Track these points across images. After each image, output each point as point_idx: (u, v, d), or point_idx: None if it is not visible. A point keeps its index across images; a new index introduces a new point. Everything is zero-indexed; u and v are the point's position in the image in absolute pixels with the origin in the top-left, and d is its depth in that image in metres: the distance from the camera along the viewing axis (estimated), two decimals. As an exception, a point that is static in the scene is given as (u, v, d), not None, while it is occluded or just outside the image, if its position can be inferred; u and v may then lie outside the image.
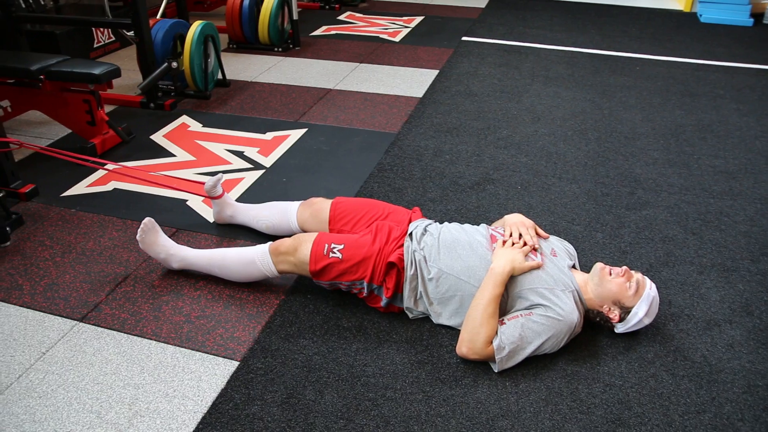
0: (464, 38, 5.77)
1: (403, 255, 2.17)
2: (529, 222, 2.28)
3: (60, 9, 5.18)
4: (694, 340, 2.19)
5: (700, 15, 6.60)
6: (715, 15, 6.50)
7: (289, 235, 2.37)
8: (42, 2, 4.92)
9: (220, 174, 2.70)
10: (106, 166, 3.11)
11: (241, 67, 4.92)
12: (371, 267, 2.16)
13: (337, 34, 5.92)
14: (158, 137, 3.68)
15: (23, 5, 4.65)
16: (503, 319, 2.03)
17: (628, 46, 5.59)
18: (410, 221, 2.36)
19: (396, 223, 2.35)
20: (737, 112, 4.15)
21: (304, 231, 2.53)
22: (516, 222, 2.27)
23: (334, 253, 2.18)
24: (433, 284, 2.14)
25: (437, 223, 2.34)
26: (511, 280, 2.06)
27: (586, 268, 2.29)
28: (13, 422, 1.84)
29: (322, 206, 2.51)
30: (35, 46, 4.45)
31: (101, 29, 5.11)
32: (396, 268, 2.16)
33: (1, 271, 2.49)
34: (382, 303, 2.21)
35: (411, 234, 2.24)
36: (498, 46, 5.55)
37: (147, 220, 2.39)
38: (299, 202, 2.62)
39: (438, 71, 4.85)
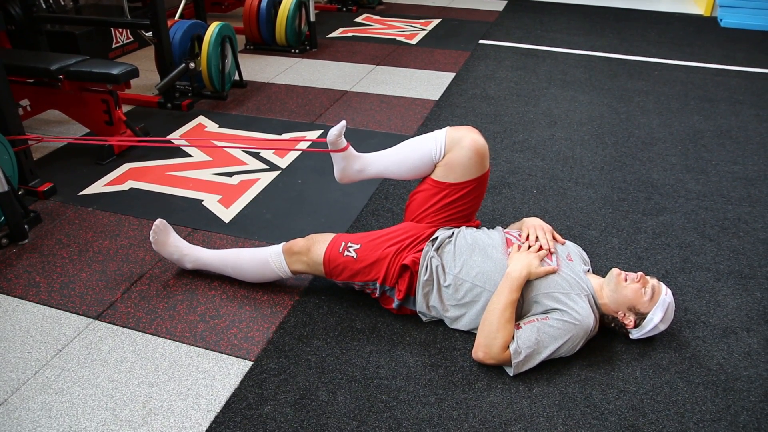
0: (481, 41, 5.76)
1: (418, 259, 2.16)
2: (547, 226, 2.27)
3: (79, 10, 5.24)
4: (710, 347, 2.17)
5: (721, 20, 6.54)
6: (735, 20, 6.43)
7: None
8: (62, 3, 4.97)
9: (343, 121, 2.35)
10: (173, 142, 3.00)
11: (258, 69, 4.94)
12: (385, 268, 2.15)
13: (353, 36, 5.93)
14: (175, 137, 3.70)
15: (43, 5, 4.69)
16: (519, 323, 2.02)
17: (646, 50, 5.55)
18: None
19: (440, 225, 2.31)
20: (757, 118, 4.10)
21: (447, 158, 2.20)
22: (534, 225, 2.26)
23: (349, 251, 2.18)
24: (449, 291, 2.13)
25: (457, 228, 2.32)
26: (527, 284, 2.05)
27: (601, 273, 2.28)
28: (29, 417, 1.85)
29: (482, 159, 2.19)
30: (55, 46, 4.50)
31: (120, 30, 5.15)
32: (409, 271, 2.16)
33: (18, 269, 2.51)
34: (394, 305, 2.21)
35: (435, 239, 2.23)
36: (515, 49, 5.54)
37: (158, 221, 2.40)
38: (446, 128, 2.25)
39: (454, 74, 4.84)
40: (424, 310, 2.19)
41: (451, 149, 2.19)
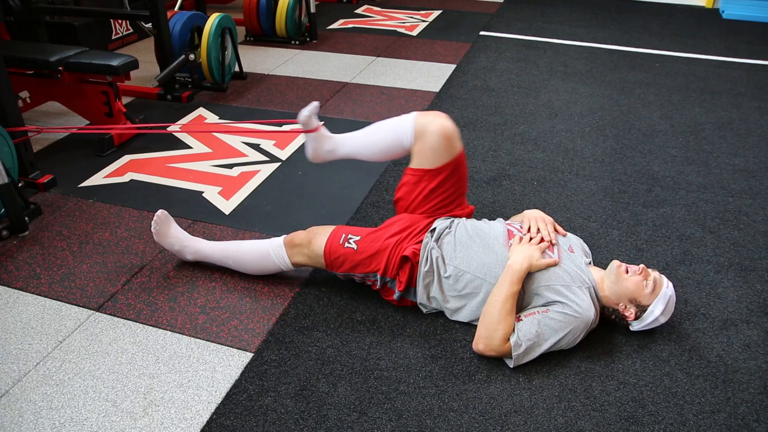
0: (482, 33, 5.74)
1: (419, 250, 2.16)
2: (549, 218, 2.27)
3: (79, 1, 5.22)
4: (710, 339, 2.17)
5: (723, 11, 6.52)
6: (737, 11, 6.41)
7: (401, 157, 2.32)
8: (62, -6, 4.95)
9: (316, 102, 2.39)
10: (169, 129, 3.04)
11: (258, 60, 4.93)
12: (385, 259, 2.15)
13: (354, 27, 5.91)
14: (175, 129, 3.69)
15: (43, -4, 4.68)
16: (520, 316, 2.02)
17: (648, 42, 5.53)
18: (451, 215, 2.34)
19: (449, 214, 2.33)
20: (758, 110, 4.09)
21: (419, 145, 2.22)
22: (535, 216, 2.26)
23: (350, 243, 2.18)
24: (450, 282, 2.13)
25: (457, 219, 2.32)
26: (529, 276, 2.05)
27: (602, 265, 2.28)
28: (30, 409, 1.86)
29: (451, 141, 2.20)
30: (54, 38, 4.48)
31: (120, 21, 5.14)
32: (410, 262, 2.16)
33: (19, 261, 2.52)
34: (395, 296, 2.21)
35: (434, 230, 2.23)
36: (516, 41, 5.52)
37: (160, 212, 2.40)
38: (414, 113, 2.28)
39: (455, 66, 4.83)
40: (425, 301, 2.20)
41: (421, 136, 2.21)
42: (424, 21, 6.14)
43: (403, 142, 2.26)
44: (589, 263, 2.22)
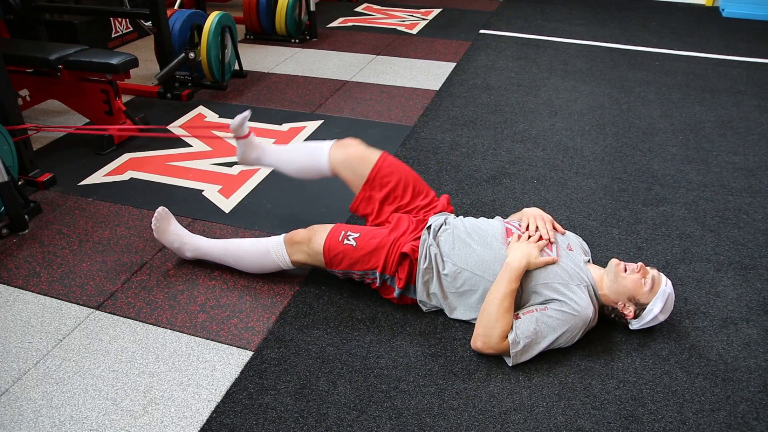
0: (482, 31, 5.73)
1: (417, 247, 2.16)
2: (548, 216, 2.27)
3: (79, -1, 5.22)
4: (709, 337, 2.17)
5: (723, 9, 6.51)
6: (737, 9, 6.41)
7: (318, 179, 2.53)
8: (61, -8, 4.94)
9: (248, 111, 2.57)
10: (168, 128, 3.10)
11: (258, 58, 4.92)
12: (384, 257, 2.15)
13: (354, 25, 5.91)
14: (174, 127, 3.69)
15: (43, -5, 4.67)
16: (518, 314, 2.02)
17: (648, 40, 5.53)
18: (435, 210, 2.36)
19: (424, 208, 2.36)
20: (758, 109, 4.09)
21: (337, 175, 2.44)
22: (534, 215, 2.26)
23: (349, 240, 2.19)
24: (448, 279, 2.14)
25: (454, 216, 2.33)
26: (526, 274, 2.05)
27: (601, 263, 2.28)
28: (30, 407, 1.86)
29: (365, 156, 2.39)
30: (54, 36, 4.48)
31: (119, 19, 5.13)
32: (409, 259, 2.16)
33: (19, 259, 2.52)
34: (395, 294, 2.21)
35: (430, 227, 2.23)
36: (516, 39, 5.51)
37: (160, 209, 2.41)
38: (332, 141, 2.46)
39: (455, 64, 4.83)
40: (425, 298, 2.20)
41: (340, 168, 2.41)
42: (424, 19, 6.13)
43: (320, 169, 2.46)
44: (588, 261, 2.22)
